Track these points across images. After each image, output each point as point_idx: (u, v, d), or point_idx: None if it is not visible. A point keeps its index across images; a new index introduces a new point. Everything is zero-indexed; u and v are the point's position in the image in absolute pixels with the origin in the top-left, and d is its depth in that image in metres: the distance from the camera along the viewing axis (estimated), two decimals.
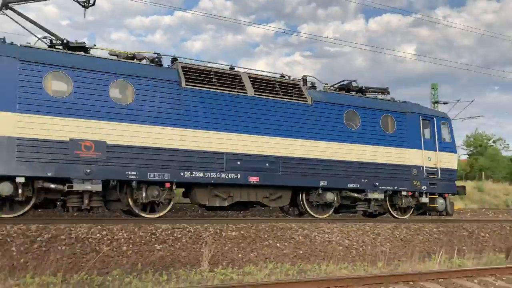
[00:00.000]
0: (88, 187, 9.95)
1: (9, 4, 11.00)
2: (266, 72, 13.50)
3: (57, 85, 10.18)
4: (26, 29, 11.31)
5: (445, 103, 31.07)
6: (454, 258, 11.12)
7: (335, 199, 13.46)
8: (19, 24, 11.21)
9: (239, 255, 9.56)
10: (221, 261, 9.20)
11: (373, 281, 7.90)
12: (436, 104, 31.76)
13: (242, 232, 10.18)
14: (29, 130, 9.52)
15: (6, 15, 11.01)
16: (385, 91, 15.61)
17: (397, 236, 12.11)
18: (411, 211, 15.13)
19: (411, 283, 8.12)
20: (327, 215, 13.55)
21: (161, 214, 11.25)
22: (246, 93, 12.27)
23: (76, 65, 10.26)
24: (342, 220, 13.13)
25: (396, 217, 14.67)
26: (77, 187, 9.84)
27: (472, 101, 28.92)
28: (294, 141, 12.64)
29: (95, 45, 11.49)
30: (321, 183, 12.93)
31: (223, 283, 7.67)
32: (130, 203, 10.86)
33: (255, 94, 12.37)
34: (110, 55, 11.53)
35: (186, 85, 11.39)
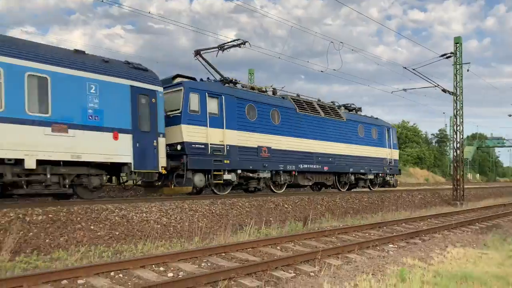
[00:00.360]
0: (265, 175, 16.72)
1: (201, 52, 16.77)
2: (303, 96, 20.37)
3: (251, 113, 16.37)
4: (208, 71, 17.05)
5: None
6: (262, 228, 12.26)
7: (354, 179, 21.74)
8: (205, 67, 16.91)
9: (47, 240, 8.78)
10: (25, 248, 8.32)
11: (188, 256, 8.19)
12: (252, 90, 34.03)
13: (50, 215, 9.35)
14: (242, 141, 15.73)
15: (198, 60, 16.71)
16: (360, 109, 23.71)
17: (213, 211, 12.72)
18: (378, 185, 23.97)
19: (224, 254, 8.69)
20: (346, 189, 21.86)
21: (282, 191, 18.21)
22: (320, 115, 19.91)
23: (258, 100, 16.83)
24: (161, 199, 13.17)
25: (372, 189, 23.44)
26: (261, 175, 16.51)
27: (283, 87, 31.86)
28: (339, 144, 20.57)
29: (240, 81, 17.39)
30: (350, 170, 21.22)
31: (25, 272, 6.95)
32: (270, 183, 17.49)
33: (324, 115, 20.08)
34: (242, 87, 17.45)
35: (299, 111, 18.72)
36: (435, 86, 24.92)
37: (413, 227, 13.85)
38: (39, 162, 10.40)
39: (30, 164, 10.18)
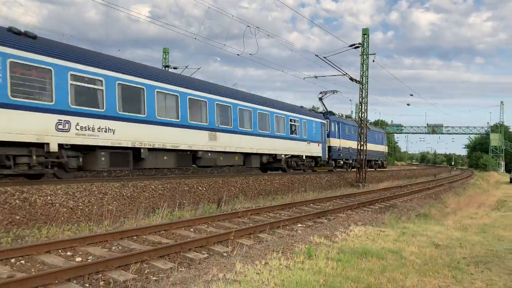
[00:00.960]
0: (350, 161, 33.98)
1: (322, 98, 32.97)
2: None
3: (344, 129, 32.65)
4: (322, 106, 33.56)
5: (175, 68, 32.72)
6: (175, 211, 12.18)
7: (374, 163, 40.69)
8: (322, 107, 33.64)
9: None
10: None
11: (98, 239, 7.93)
12: (166, 68, 33.07)
13: None
14: (344, 145, 32.29)
15: (320, 103, 33.60)
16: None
17: (124, 194, 12.36)
18: (379, 167, 43.05)
19: (135, 237, 8.53)
20: (350, 169, 33.79)
21: (350, 170, 33.96)
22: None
23: (345, 122, 34.19)
24: (67, 181, 12.49)
25: (376, 170, 38.95)
26: (349, 161, 33.84)
27: (199, 68, 31.71)
28: (370, 144, 35.15)
29: (333, 111, 33.60)
30: (374, 158, 39.82)
31: None
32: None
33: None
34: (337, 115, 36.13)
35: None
36: (344, 74, 26.28)
37: (320, 207, 14.65)
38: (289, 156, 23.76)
39: (283, 157, 22.64)
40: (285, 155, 22.78)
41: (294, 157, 24.22)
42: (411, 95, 71.83)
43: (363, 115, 27.20)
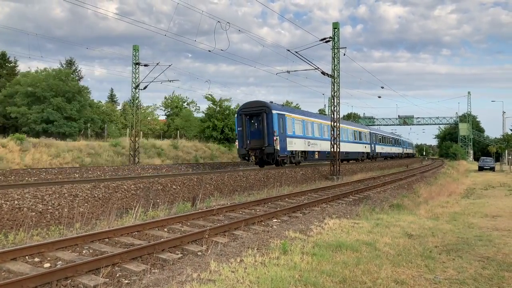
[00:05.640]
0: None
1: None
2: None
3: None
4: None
5: (145, 65, 32.19)
6: (149, 211, 11.98)
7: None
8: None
9: None
10: None
11: (67, 243, 7.69)
12: (137, 66, 32.53)
13: None
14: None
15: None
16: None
17: (96, 195, 12.08)
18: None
19: (107, 240, 8.32)
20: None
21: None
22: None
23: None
24: (36, 184, 12.12)
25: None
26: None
27: (170, 65, 31.16)
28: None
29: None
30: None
31: None
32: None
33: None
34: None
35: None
36: (316, 68, 26.39)
37: (295, 201, 14.67)
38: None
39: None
40: None
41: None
42: (382, 87, 73.26)
43: (336, 108, 27.40)
